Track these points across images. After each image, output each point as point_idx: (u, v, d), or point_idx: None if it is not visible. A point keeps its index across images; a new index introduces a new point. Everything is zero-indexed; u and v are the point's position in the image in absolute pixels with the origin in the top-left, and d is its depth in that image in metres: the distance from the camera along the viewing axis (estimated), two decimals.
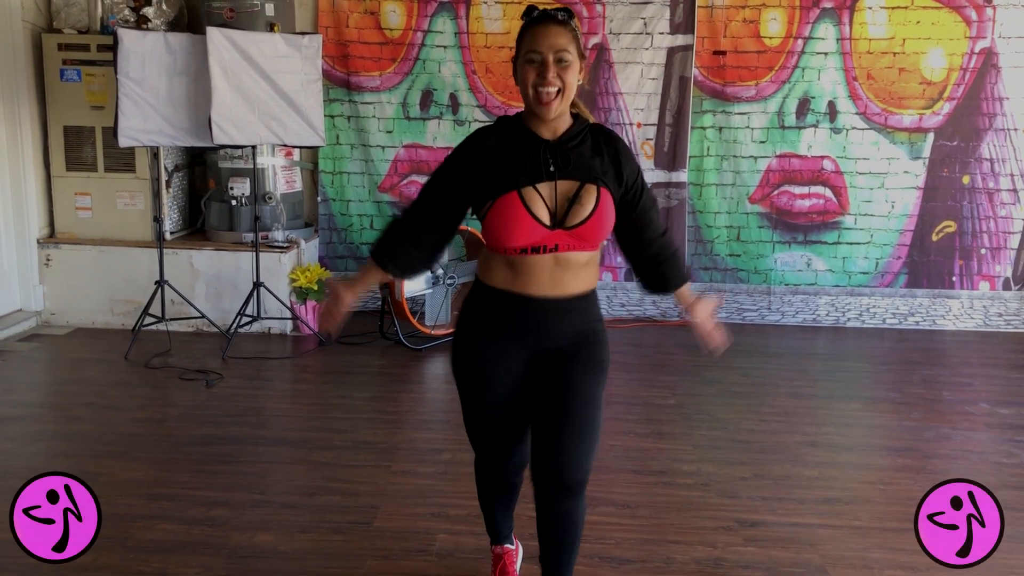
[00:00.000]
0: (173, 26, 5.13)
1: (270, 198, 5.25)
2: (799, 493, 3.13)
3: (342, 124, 5.63)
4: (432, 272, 4.90)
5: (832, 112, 5.55)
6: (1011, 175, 5.58)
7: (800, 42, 5.48)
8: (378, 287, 5.10)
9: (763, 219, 5.68)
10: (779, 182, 5.64)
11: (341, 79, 5.57)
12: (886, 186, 5.61)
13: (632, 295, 5.76)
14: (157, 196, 5.07)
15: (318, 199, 5.74)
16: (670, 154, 5.60)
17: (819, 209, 5.66)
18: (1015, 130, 5.51)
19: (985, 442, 3.73)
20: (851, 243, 5.68)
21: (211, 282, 5.10)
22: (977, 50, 5.43)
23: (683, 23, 5.46)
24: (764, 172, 5.63)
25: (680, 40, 5.48)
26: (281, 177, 5.38)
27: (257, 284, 4.88)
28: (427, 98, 5.61)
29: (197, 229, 5.61)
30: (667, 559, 2.64)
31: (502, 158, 1.92)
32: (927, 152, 5.57)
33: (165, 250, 4.92)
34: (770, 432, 3.76)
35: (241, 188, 5.20)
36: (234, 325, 4.87)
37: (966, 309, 5.73)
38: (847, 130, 5.56)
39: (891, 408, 4.16)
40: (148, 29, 4.91)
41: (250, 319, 4.96)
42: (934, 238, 5.67)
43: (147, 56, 4.45)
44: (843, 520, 2.92)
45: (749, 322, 5.74)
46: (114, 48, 4.39)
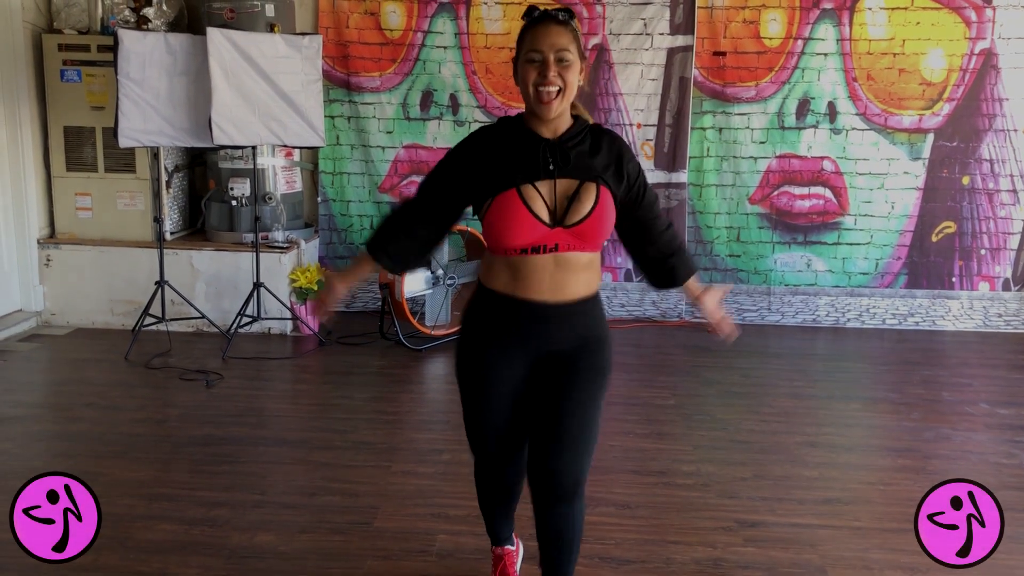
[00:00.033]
0: (173, 27, 5.14)
1: (270, 198, 5.26)
2: (799, 494, 3.14)
3: (342, 124, 5.64)
4: (432, 272, 4.91)
5: (832, 113, 5.55)
6: (1011, 176, 5.58)
7: (800, 43, 5.48)
8: (379, 287, 5.11)
9: (763, 220, 5.68)
10: (779, 183, 5.65)
11: (341, 79, 5.57)
12: (886, 187, 5.61)
13: (632, 295, 5.76)
14: (157, 196, 5.07)
15: (318, 199, 5.74)
16: (670, 155, 5.60)
17: (819, 210, 5.66)
18: (1015, 131, 5.52)
19: (985, 443, 3.73)
20: (851, 244, 5.69)
21: (211, 282, 5.11)
22: (977, 51, 5.44)
23: (683, 24, 5.46)
24: (764, 173, 5.63)
25: (680, 41, 5.48)
26: (281, 177, 5.38)
27: (257, 284, 4.89)
28: (427, 99, 5.61)
29: (197, 229, 5.61)
30: (667, 559, 2.64)
31: (502, 156, 1.93)
32: (927, 153, 5.57)
33: (165, 250, 4.92)
34: (770, 433, 3.76)
35: (241, 188, 5.20)
36: (234, 325, 4.87)
37: (966, 310, 5.73)
38: (847, 131, 5.56)
39: (891, 409, 4.17)
40: (148, 30, 4.92)
41: (250, 319, 4.96)
42: (934, 239, 5.68)
43: (147, 56, 4.45)
44: (843, 521, 2.93)
45: (749, 322, 5.74)
46: (114, 48, 4.40)
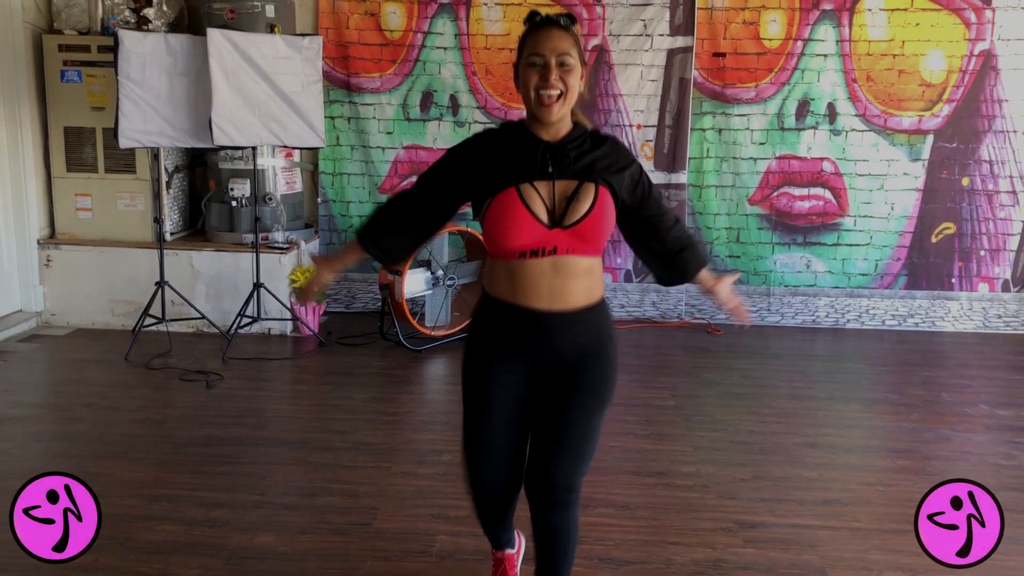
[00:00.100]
0: (173, 27, 5.14)
1: (270, 199, 5.26)
2: (798, 494, 3.14)
3: (342, 125, 5.64)
4: (432, 273, 4.91)
5: (832, 114, 5.55)
6: (1010, 177, 5.58)
7: (800, 44, 5.48)
8: (379, 288, 5.11)
9: (763, 220, 5.69)
10: (779, 184, 5.65)
11: (341, 80, 5.57)
12: (885, 188, 5.62)
13: (632, 296, 5.76)
14: (157, 197, 5.07)
15: (318, 200, 5.74)
16: (670, 156, 5.60)
17: (818, 211, 5.66)
18: (1014, 132, 5.52)
19: (984, 444, 3.74)
20: (850, 245, 5.69)
21: (211, 283, 5.11)
22: (976, 52, 5.44)
23: (683, 25, 5.46)
24: (764, 174, 5.63)
25: (680, 42, 5.48)
26: (281, 178, 5.39)
27: (257, 285, 4.89)
28: (427, 99, 5.61)
29: (197, 230, 5.61)
30: (666, 560, 2.64)
31: (502, 158, 1.93)
32: (926, 154, 5.58)
33: (165, 251, 4.92)
34: (769, 433, 3.76)
35: (241, 189, 5.21)
36: (234, 326, 4.87)
37: (965, 311, 5.73)
38: (846, 132, 5.57)
39: (890, 409, 4.17)
40: (148, 30, 4.92)
41: (250, 320, 4.96)
42: (933, 240, 5.68)
43: (148, 57, 4.45)
44: (842, 521, 2.93)
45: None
46: (115, 49, 4.40)
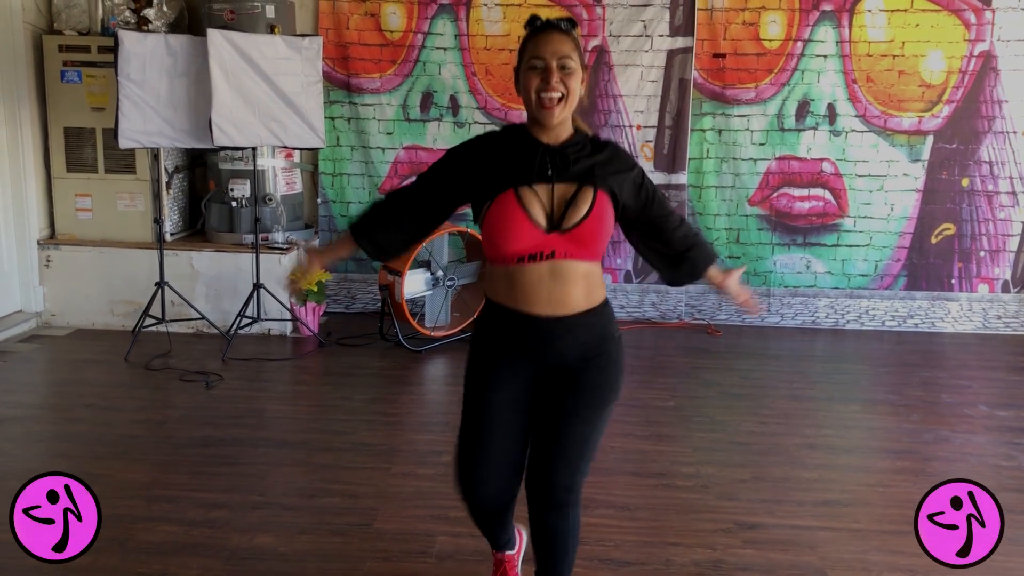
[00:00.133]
0: (174, 28, 5.14)
1: (270, 199, 5.26)
2: (798, 495, 3.14)
3: (342, 126, 5.64)
4: (432, 273, 4.91)
5: (831, 114, 5.55)
6: (1010, 178, 5.58)
7: (800, 44, 5.48)
8: (378, 289, 5.11)
9: (762, 221, 5.69)
10: (778, 184, 5.65)
11: (341, 81, 5.57)
12: (885, 188, 5.62)
13: (632, 297, 5.76)
14: (157, 197, 5.07)
15: (318, 200, 5.74)
16: (670, 156, 5.60)
17: (818, 211, 5.67)
18: (1014, 133, 5.52)
19: (984, 444, 3.74)
20: (850, 245, 5.69)
21: (211, 283, 5.11)
22: (976, 53, 5.44)
23: (683, 25, 5.46)
24: (763, 174, 5.64)
25: (680, 42, 5.49)
26: (281, 179, 5.38)
27: (257, 286, 4.89)
28: (427, 100, 5.61)
29: (197, 230, 5.61)
30: (666, 561, 2.64)
31: (502, 160, 1.94)
32: (926, 155, 5.58)
33: (165, 251, 4.92)
34: (769, 434, 3.76)
35: (241, 190, 5.21)
36: (234, 326, 4.87)
37: (965, 311, 5.73)
38: (846, 132, 5.57)
39: (890, 410, 4.17)
40: (149, 31, 4.92)
41: (250, 320, 4.96)
42: (933, 240, 5.68)
43: (148, 58, 4.45)
44: (842, 522, 2.93)
45: (748, 324, 5.74)
46: (115, 50, 4.40)
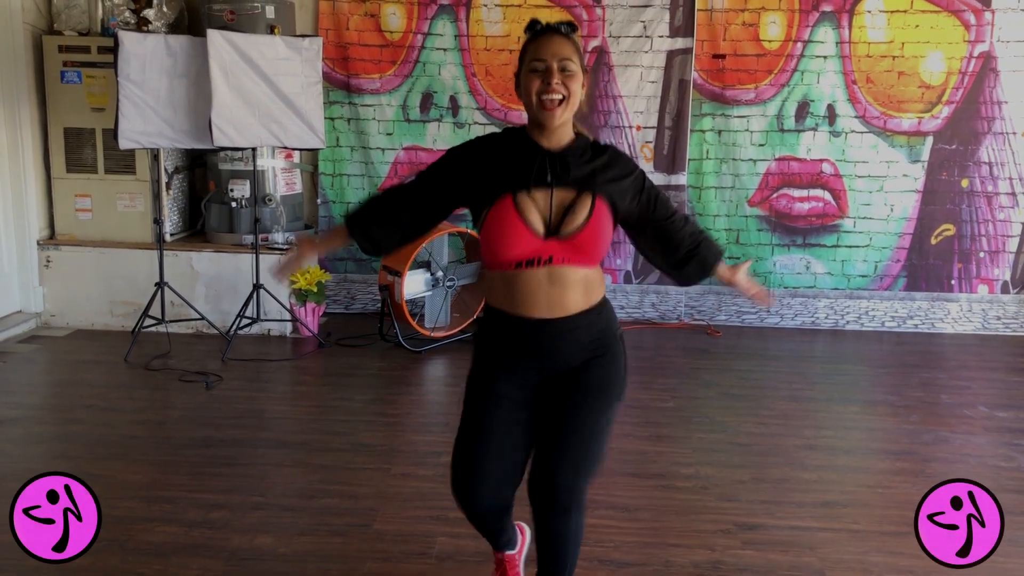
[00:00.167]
0: (173, 28, 5.14)
1: (270, 200, 5.26)
2: (798, 496, 3.14)
3: (342, 126, 5.64)
4: (432, 274, 4.91)
5: (831, 115, 5.56)
6: (1009, 179, 5.59)
7: (799, 45, 5.48)
8: (378, 289, 5.11)
9: (762, 222, 5.69)
10: (778, 185, 5.65)
11: (341, 81, 5.58)
12: (885, 189, 5.62)
13: (631, 297, 5.76)
14: (157, 198, 5.07)
15: (318, 201, 5.74)
16: (669, 157, 5.61)
17: (818, 212, 5.67)
18: (1013, 134, 5.53)
19: (983, 445, 3.74)
20: (850, 246, 5.69)
21: (211, 284, 5.11)
22: (976, 54, 5.44)
23: (683, 26, 5.47)
24: (763, 175, 5.64)
25: (680, 43, 5.49)
26: (281, 179, 5.39)
27: (257, 286, 4.89)
28: (427, 100, 5.61)
29: (197, 231, 5.61)
30: (666, 562, 2.64)
31: (501, 163, 1.93)
32: (926, 155, 5.58)
33: (165, 252, 4.92)
34: (769, 435, 3.76)
35: (241, 190, 5.21)
36: (234, 327, 4.87)
37: (965, 312, 5.73)
38: (846, 133, 5.57)
39: (889, 411, 4.17)
40: (148, 31, 4.92)
41: (250, 321, 4.96)
42: (933, 241, 5.68)
43: (147, 58, 4.45)
44: (841, 524, 2.93)
45: (748, 325, 5.74)
46: (114, 50, 4.40)
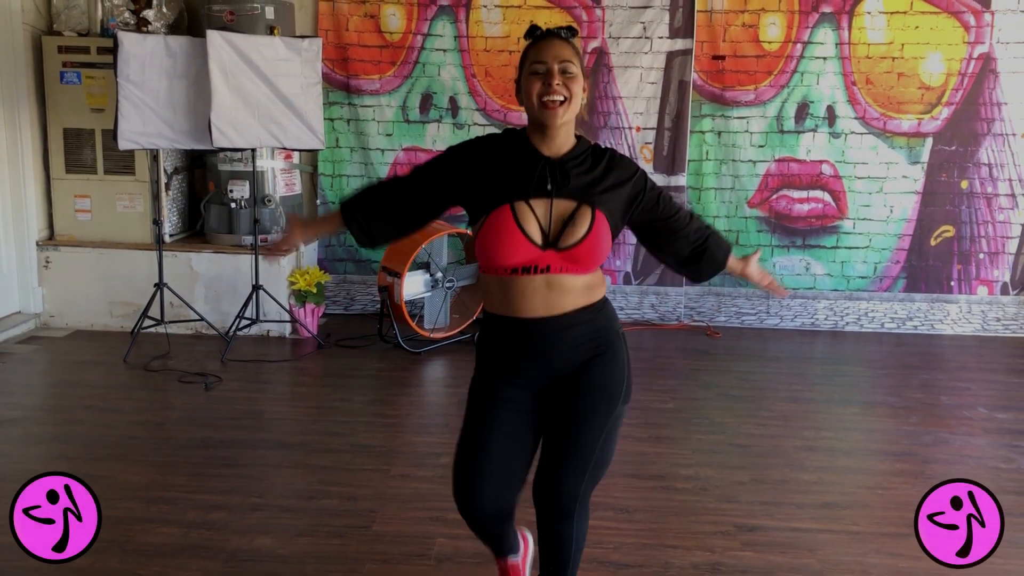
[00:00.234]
0: (173, 29, 5.14)
1: (269, 201, 5.26)
2: (797, 498, 3.14)
3: (341, 127, 5.64)
4: (431, 275, 4.91)
5: (831, 117, 5.56)
6: (1009, 180, 5.59)
7: (799, 47, 5.48)
8: (377, 290, 5.11)
9: (762, 223, 5.69)
10: (778, 186, 5.65)
11: (341, 82, 5.57)
12: (885, 191, 5.62)
13: (631, 298, 5.76)
14: (156, 199, 5.07)
15: (317, 202, 5.74)
16: (669, 158, 5.61)
17: (818, 213, 5.67)
18: (1013, 135, 5.53)
19: (983, 447, 3.74)
20: (850, 247, 5.69)
21: (210, 285, 5.11)
22: (975, 55, 5.45)
23: (682, 27, 5.47)
24: (763, 176, 5.64)
25: (679, 44, 5.49)
26: (280, 180, 5.39)
27: (256, 287, 4.89)
28: (427, 101, 5.61)
29: (196, 232, 5.61)
30: (665, 563, 2.64)
31: (500, 169, 1.90)
32: (926, 157, 5.58)
33: (164, 253, 4.92)
34: (768, 436, 3.76)
35: (240, 191, 5.21)
36: (233, 328, 4.87)
37: (964, 314, 5.73)
38: (846, 135, 5.57)
39: (889, 412, 4.17)
40: (148, 32, 4.92)
41: (249, 322, 4.95)
42: (932, 243, 5.68)
43: (147, 59, 4.45)
44: (841, 525, 2.93)
45: (748, 326, 5.74)
46: (114, 51, 4.39)
